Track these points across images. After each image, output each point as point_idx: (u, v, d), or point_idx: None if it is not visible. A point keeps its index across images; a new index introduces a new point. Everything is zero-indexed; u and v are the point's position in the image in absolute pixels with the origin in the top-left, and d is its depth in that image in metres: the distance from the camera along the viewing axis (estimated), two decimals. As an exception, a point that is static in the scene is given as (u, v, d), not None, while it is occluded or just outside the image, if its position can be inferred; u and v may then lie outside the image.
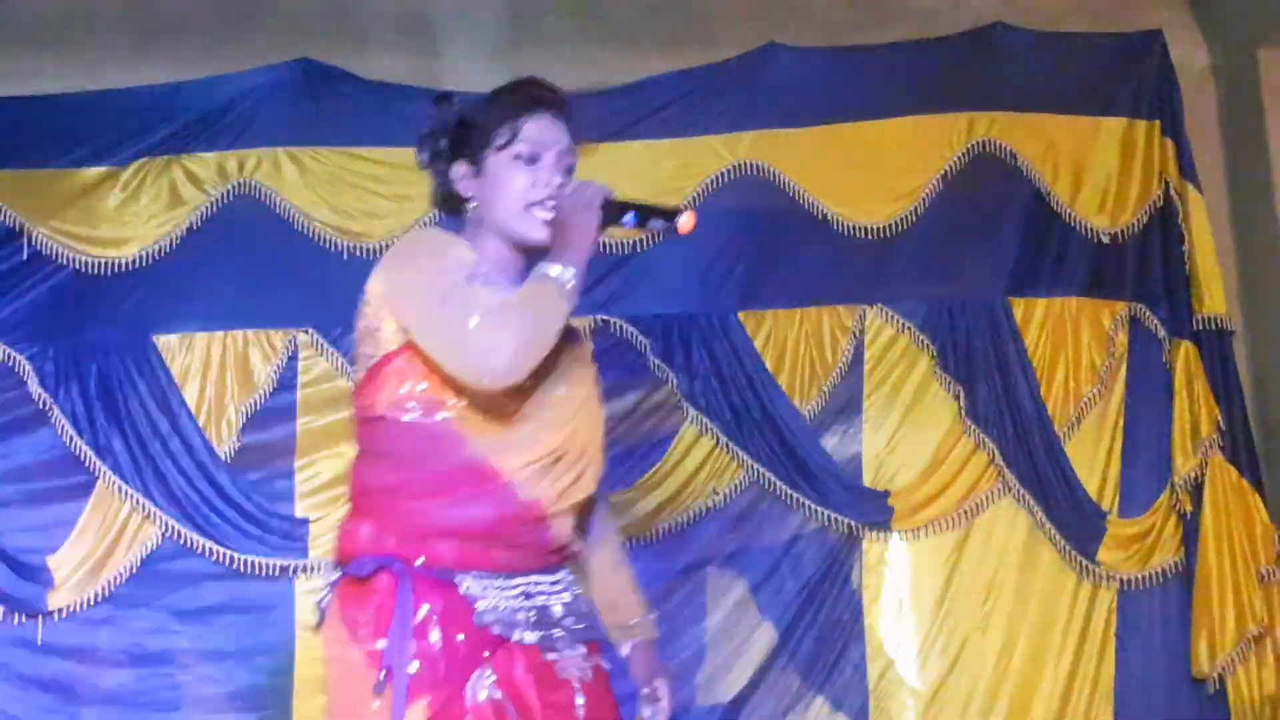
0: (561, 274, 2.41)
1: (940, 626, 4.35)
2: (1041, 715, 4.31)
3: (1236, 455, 4.42)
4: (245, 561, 4.15)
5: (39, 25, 4.44)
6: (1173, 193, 4.54)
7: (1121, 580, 4.36)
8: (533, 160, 2.52)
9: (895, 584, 4.38)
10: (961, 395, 4.41)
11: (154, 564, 4.17)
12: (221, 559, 4.14)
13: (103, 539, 4.15)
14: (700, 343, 4.38)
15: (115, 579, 4.13)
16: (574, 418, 2.56)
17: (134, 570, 4.14)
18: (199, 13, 4.50)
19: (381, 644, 2.36)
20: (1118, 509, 4.42)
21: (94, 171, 4.30)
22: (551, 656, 2.48)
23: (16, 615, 4.09)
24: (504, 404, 2.45)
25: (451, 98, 2.70)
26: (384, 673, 2.34)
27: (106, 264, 4.27)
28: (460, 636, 2.40)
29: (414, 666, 2.36)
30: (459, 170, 2.57)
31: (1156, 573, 4.38)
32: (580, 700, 2.48)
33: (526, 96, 2.57)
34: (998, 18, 4.57)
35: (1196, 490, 4.39)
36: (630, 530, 4.22)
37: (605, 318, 4.36)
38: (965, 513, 4.38)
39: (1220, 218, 4.63)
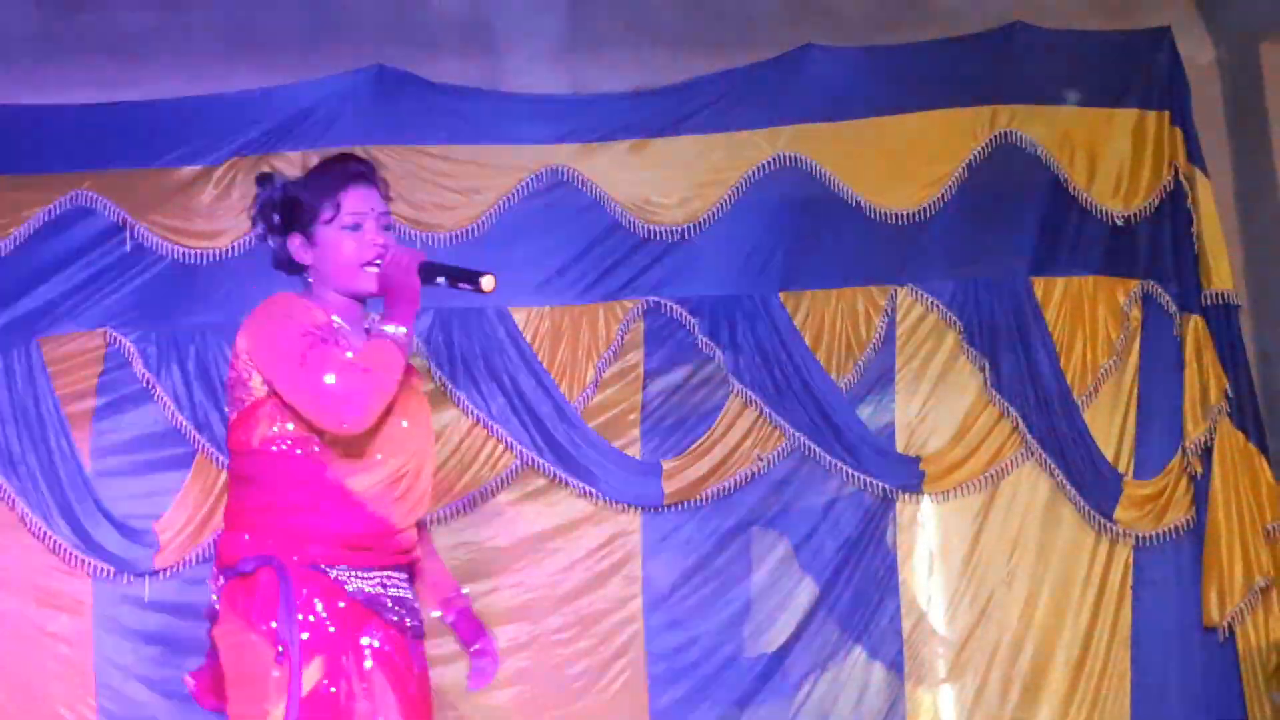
0: (395, 331, 2.65)
1: (968, 581, 4.34)
2: (1063, 662, 4.30)
3: (1243, 421, 4.39)
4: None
5: (141, 38, 4.44)
6: (1181, 178, 4.49)
7: (1137, 537, 4.34)
8: (356, 228, 2.73)
9: (927, 542, 4.38)
10: (987, 368, 4.38)
11: None
12: None
13: (202, 505, 4.14)
14: (744, 322, 4.35)
15: (214, 541, 4.00)
16: (411, 444, 2.75)
17: None
18: (284, 25, 4.50)
19: (274, 624, 2.54)
20: (1133, 471, 4.40)
21: (190, 170, 4.28)
22: (407, 640, 2.72)
23: (125, 575, 4.09)
24: (360, 439, 2.64)
25: (272, 178, 2.89)
26: (280, 646, 2.52)
27: (202, 255, 4.25)
28: (342, 603, 2.61)
29: (305, 635, 2.54)
30: (294, 243, 2.78)
31: (1169, 530, 4.36)
32: (413, 686, 2.70)
33: (341, 172, 2.79)
34: (1017, 18, 4.51)
35: (1206, 454, 4.37)
36: (681, 495, 4.27)
37: (657, 299, 4.34)
38: (991, 476, 4.36)
39: (1226, 201, 4.58)
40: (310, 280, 2.80)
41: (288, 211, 2.77)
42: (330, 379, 2.55)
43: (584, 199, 4.36)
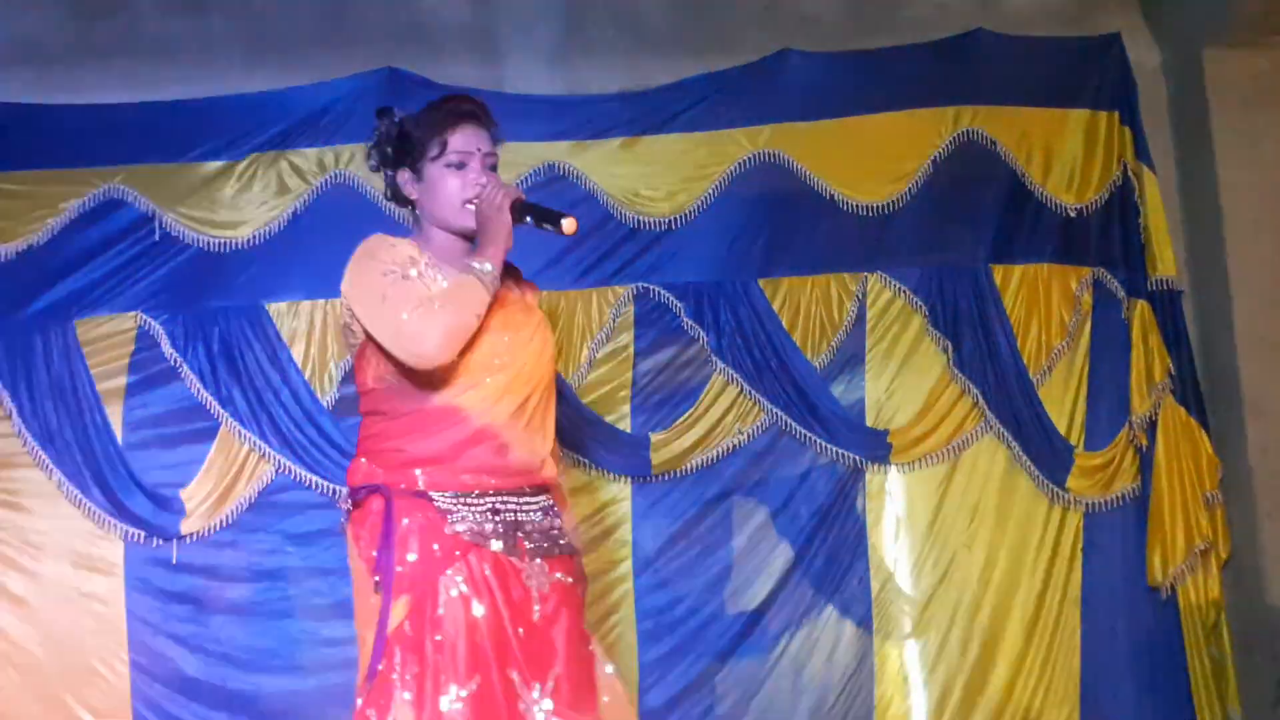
0: (481, 267, 2.61)
1: (932, 545, 4.36)
2: (1019, 619, 4.31)
3: (1185, 397, 4.42)
4: (344, 492, 4.20)
5: (168, 43, 4.45)
6: (1130, 173, 4.51)
7: (1087, 504, 4.36)
8: (461, 166, 2.70)
9: (894, 509, 4.39)
10: (949, 349, 4.39)
11: (269, 495, 4.19)
12: (325, 490, 4.17)
13: (226, 475, 4.18)
14: (726, 306, 4.36)
15: (237, 508, 4.16)
16: (518, 357, 2.70)
17: (252, 501, 4.17)
18: (300, 30, 4.50)
19: (374, 553, 2.56)
20: (1083, 444, 4.41)
21: (213, 165, 4.30)
22: (518, 564, 2.63)
23: (155, 539, 4.12)
24: (455, 364, 2.61)
25: (391, 112, 2.82)
26: (377, 576, 2.54)
27: (224, 243, 4.27)
28: (435, 546, 2.57)
29: (400, 568, 2.54)
30: (403, 177, 2.76)
31: (1117, 498, 4.37)
32: (536, 608, 2.62)
33: (450, 112, 2.75)
34: (979, 25, 4.54)
35: (1151, 427, 4.39)
36: (668, 465, 4.28)
37: (646, 285, 4.35)
38: (953, 448, 4.37)
39: (1170, 194, 4.59)
40: (417, 214, 2.77)
41: (399, 146, 2.75)
42: (406, 315, 2.53)
43: (578, 192, 4.37)
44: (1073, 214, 4.50)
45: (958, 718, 4.26)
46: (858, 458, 4.35)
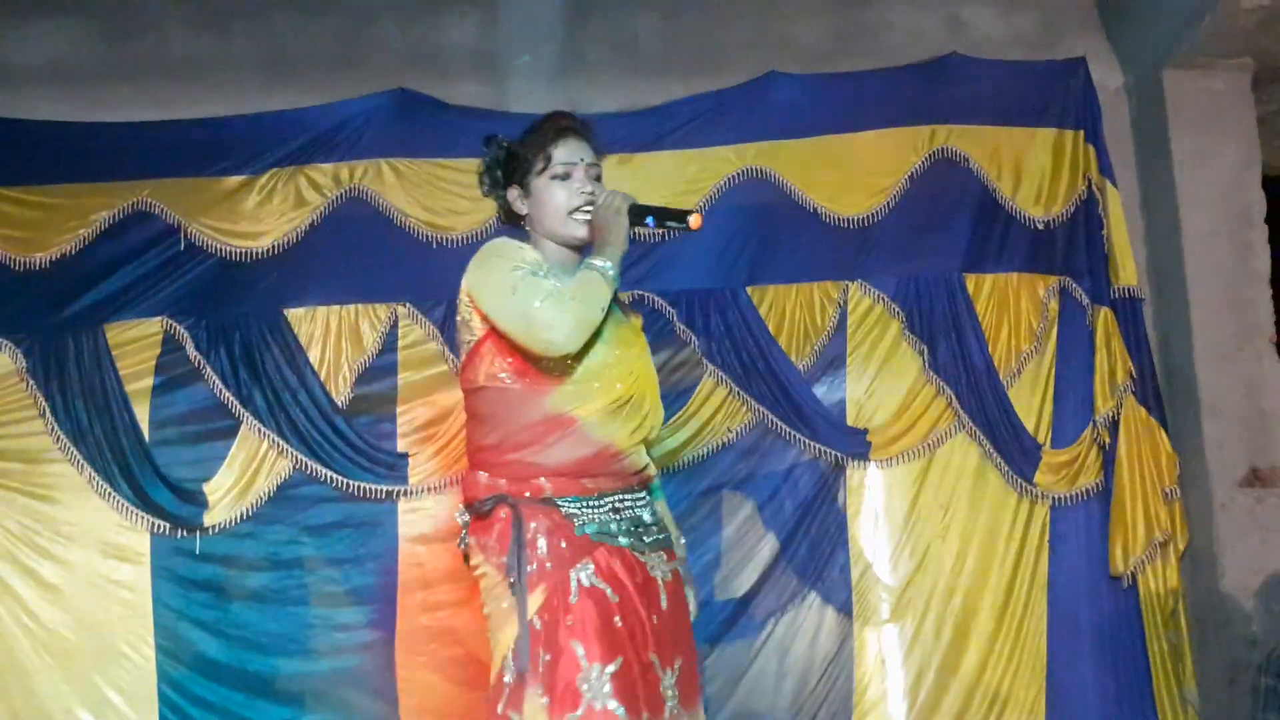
0: (604, 265, 2.61)
1: (908, 536, 4.37)
2: (989, 606, 4.31)
3: (1145, 398, 4.42)
4: (358, 487, 4.21)
5: (192, 63, 4.49)
6: (1094, 188, 4.53)
7: (1053, 498, 4.37)
8: (566, 177, 2.70)
9: (873, 503, 4.39)
10: (925, 352, 4.41)
11: (287, 490, 4.22)
12: (339, 486, 4.20)
13: (246, 470, 4.21)
14: (716, 312, 4.38)
15: (256, 502, 4.19)
16: (628, 375, 2.70)
17: (271, 495, 4.20)
18: (317, 53, 4.53)
19: (506, 558, 2.55)
20: (1050, 441, 4.41)
21: (235, 179, 4.33)
22: (643, 557, 2.65)
23: (179, 530, 4.15)
24: (573, 368, 2.60)
25: (497, 137, 2.82)
26: (511, 578, 2.52)
27: (246, 253, 4.30)
28: (563, 544, 2.56)
29: (531, 567, 2.53)
30: (513, 194, 2.76)
31: (1081, 492, 4.38)
32: (664, 595, 2.66)
33: (553, 128, 2.76)
34: (953, 49, 4.58)
35: (1114, 426, 4.40)
36: (662, 462, 4.22)
37: (640, 292, 4.37)
38: (928, 445, 4.38)
39: (1132, 208, 4.61)
40: (529, 229, 2.76)
41: (506, 166, 2.75)
42: (538, 303, 2.51)
43: (576, 205, 4.45)
44: (1040, 226, 4.52)
45: (932, 698, 4.27)
46: (839, 454, 4.36)
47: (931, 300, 4.47)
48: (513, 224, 2.84)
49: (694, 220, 2.65)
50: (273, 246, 4.33)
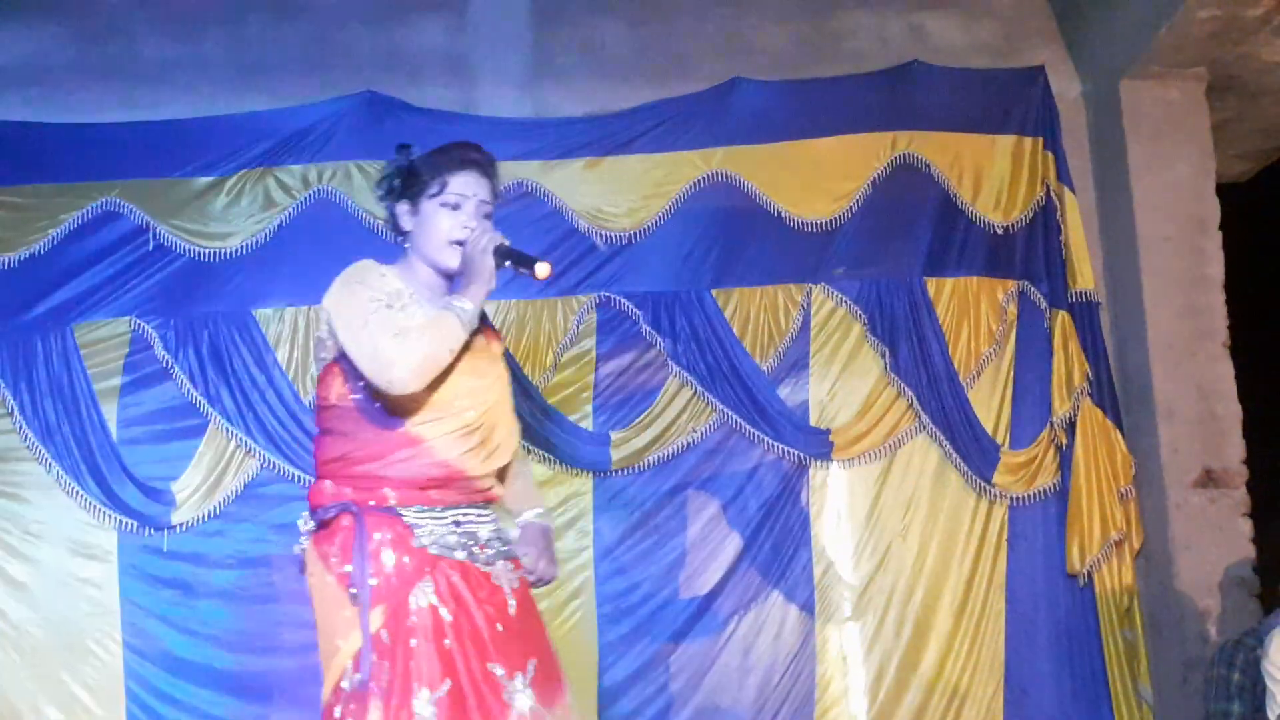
0: (462, 306, 2.57)
1: (870, 535, 4.36)
2: (949, 604, 4.32)
3: (1102, 400, 4.45)
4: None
5: (162, 66, 4.46)
6: (1052, 194, 4.56)
7: (1011, 498, 4.38)
8: (456, 207, 2.67)
9: (835, 502, 4.39)
10: (887, 354, 4.41)
11: (254, 488, 4.19)
12: (307, 484, 3.94)
13: (214, 469, 4.18)
14: (682, 314, 4.38)
15: (224, 500, 4.16)
16: (483, 400, 2.66)
17: (239, 493, 4.16)
18: (287, 55, 4.51)
19: (348, 568, 2.51)
20: (1009, 442, 4.43)
21: (204, 180, 4.30)
22: (486, 568, 2.62)
23: (147, 529, 4.12)
24: (423, 396, 2.57)
25: (409, 148, 2.78)
26: (353, 589, 2.49)
27: (214, 253, 4.27)
28: (406, 558, 2.53)
29: (374, 581, 2.49)
30: (402, 208, 2.73)
31: (1039, 492, 4.40)
32: (512, 602, 2.63)
33: (457, 158, 2.72)
34: (915, 57, 4.59)
35: (1070, 427, 4.42)
36: (627, 461, 4.29)
37: (607, 294, 4.37)
38: (889, 446, 4.39)
39: (1089, 214, 4.64)
40: (407, 246, 2.72)
41: (406, 179, 2.71)
42: (387, 342, 2.48)
43: (545, 208, 4.39)
44: (1000, 231, 4.52)
45: (893, 694, 4.28)
46: (802, 454, 4.36)
47: (893, 303, 4.46)
48: (395, 233, 2.80)
49: (541, 268, 2.62)
50: (241, 247, 4.31)
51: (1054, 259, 4.55)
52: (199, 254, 4.28)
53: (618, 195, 4.44)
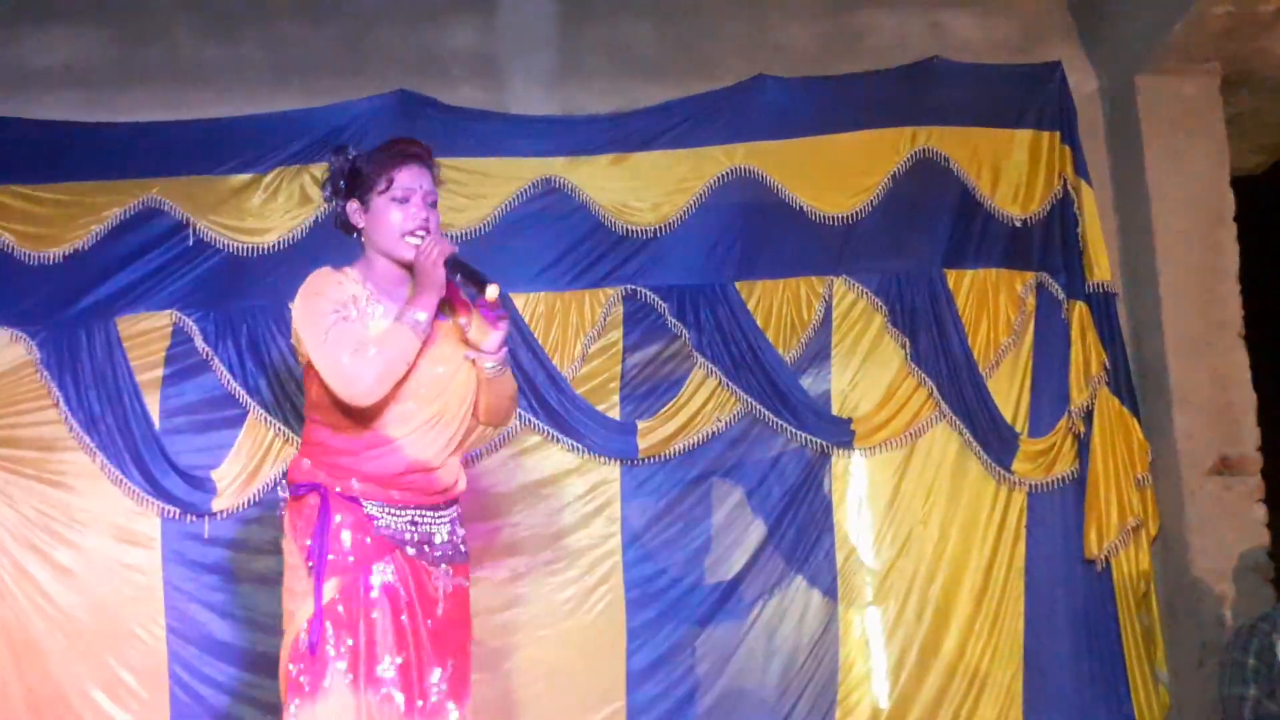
0: (414, 315, 2.69)
1: (891, 522, 4.37)
2: (968, 589, 4.32)
3: (1118, 389, 4.45)
4: (284, 483, 4.16)
5: (200, 68, 4.50)
6: (1069, 187, 4.55)
7: (1030, 485, 4.38)
8: (404, 200, 2.76)
9: (857, 490, 4.40)
10: (907, 345, 4.42)
11: None
12: None
13: (253, 457, 4.20)
14: (706, 306, 4.39)
15: (263, 487, 4.18)
16: (445, 392, 2.78)
17: (277, 480, 4.14)
18: (322, 56, 4.54)
19: (309, 542, 2.66)
20: (1027, 431, 4.42)
21: (242, 178, 4.32)
22: (428, 567, 2.78)
23: (189, 515, 4.14)
24: (389, 399, 2.70)
25: (345, 150, 2.87)
26: (310, 562, 2.64)
27: (252, 248, 4.29)
28: (367, 539, 2.70)
29: (331, 557, 2.64)
30: (352, 207, 2.82)
31: (1057, 479, 4.40)
32: (441, 604, 2.78)
33: (399, 153, 2.81)
34: (934, 54, 4.60)
35: (1088, 416, 4.42)
36: (653, 450, 4.30)
37: (633, 287, 4.38)
38: (910, 435, 4.39)
39: (1106, 206, 4.63)
40: (363, 242, 2.83)
41: (350, 180, 2.80)
42: (345, 358, 2.62)
43: (572, 203, 4.40)
44: (1018, 224, 4.53)
45: (914, 676, 4.29)
46: (824, 443, 4.37)
47: (913, 295, 4.48)
48: (345, 232, 2.90)
49: (490, 290, 2.70)
50: (278, 242, 4.32)
51: (1071, 251, 4.55)
52: (237, 249, 4.30)
53: (643, 190, 4.45)
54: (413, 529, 2.76)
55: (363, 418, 2.72)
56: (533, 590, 4.25)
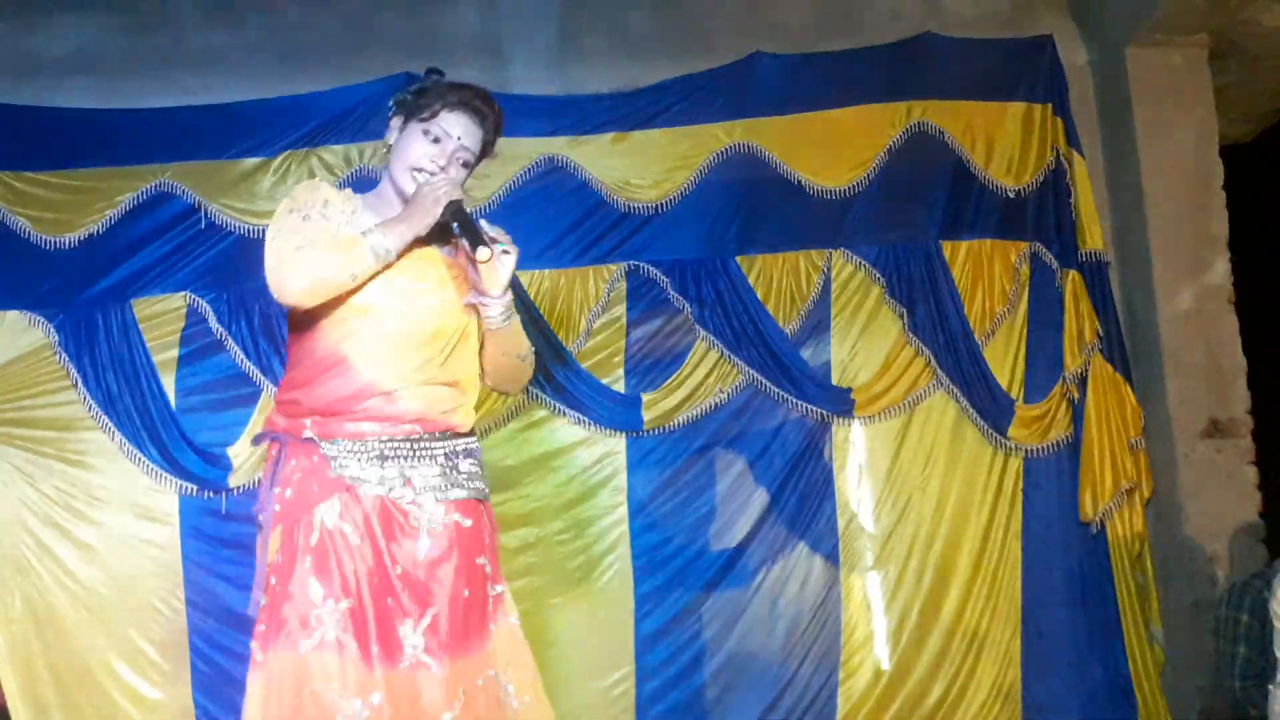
0: (382, 241, 2.41)
1: (890, 488, 4.35)
2: (967, 552, 4.30)
3: (1111, 355, 4.43)
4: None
5: (208, 53, 4.46)
6: (1062, 159, 4.51)
7: (1026, 450, 4.35)
8: (435, 140, 2.54)
9: (857, 457, 4.37)
10: (905, 315, 4.38)
11: None
12: None
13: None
14: (707, 280, 4.35)
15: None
16: (416, 309, 2.49)
17: None
18: (327, 41, 4.51)
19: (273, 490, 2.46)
20: (1023, 397, 4.39)
21: (252, 161, 4.28)
22: (409, 507, 2.46)
23: (206, 492, 4.12)
24: (337, 301, 2.43)
25: (439, 73, 2.68)
26: (261, 514, 2.47)
27: (263, 230, 3.96)
28: (315, 486, 2.42)
29: (277, 507, 2.43)
30: (395, 121, 2.63)
31: (1053, 444, 4.37)
32: (426, 543, 2.46)
33: (461, 99, 2.58)
34: (928, 29, 4.55)
35: (1082, 382, 4.40)
36: (658, 421, 4.27)
37: (636, 263, 4.35)
38: (908, 403, 4.36)
39: (1097, 176, 4.60)
40: (390, 159, 2.63)
41: (414, 98, 2.61)
42: (289, 251, 2.40)
43: (575, 181, 4.36)
44: (1012, 195, 4.49)
45: (915, 638, 4.28)
46: (825, 412, 4.35)
47: (910, 266, 4.44)
48: (385, 145, 2.70)
49: (481, 252, 2.43)
50: (289, 224, 4.24)
51: (1064, 221, 4.51)
52: (248, 231, 4.25)
53: (644, 168, 4.41)
54: (381, 464, 2.44)
55: (301, 327, 2.49)
56: (544, 559, 4.23)
